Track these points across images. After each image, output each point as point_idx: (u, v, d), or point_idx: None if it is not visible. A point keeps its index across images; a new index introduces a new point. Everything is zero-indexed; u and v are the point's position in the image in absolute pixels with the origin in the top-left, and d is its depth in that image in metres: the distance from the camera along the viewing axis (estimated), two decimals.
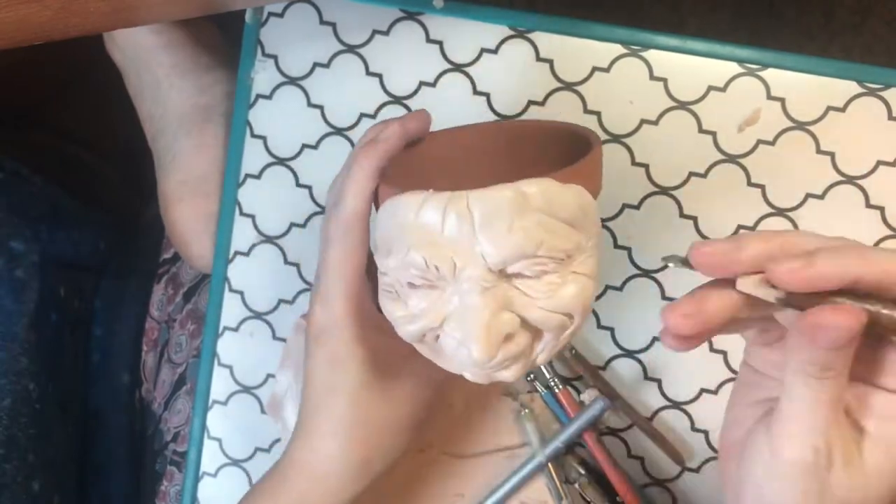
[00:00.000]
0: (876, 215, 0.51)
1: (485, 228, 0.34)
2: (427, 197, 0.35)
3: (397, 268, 0.36)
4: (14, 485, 0.56)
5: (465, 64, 0.54)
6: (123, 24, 0.46)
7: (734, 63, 0.51)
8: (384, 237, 0.37)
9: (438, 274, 0.35)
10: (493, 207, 0.34)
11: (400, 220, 0.36)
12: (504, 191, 0.34)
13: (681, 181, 0.53)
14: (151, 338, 0.69)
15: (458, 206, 0.34)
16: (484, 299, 0.35)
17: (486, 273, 0.35)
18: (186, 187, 0.60)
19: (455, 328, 0.36)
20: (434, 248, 0.35)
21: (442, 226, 0.35)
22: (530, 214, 0.34)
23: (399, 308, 0.37)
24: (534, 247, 0.34)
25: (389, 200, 0.37)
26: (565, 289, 0.36)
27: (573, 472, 0.54)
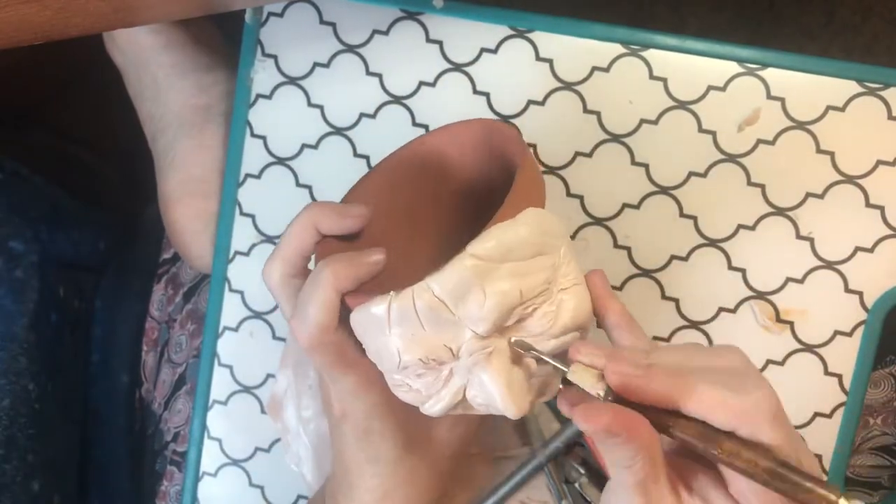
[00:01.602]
0: (876, 215, 0.51)
1: (461, 307, 0.34)
2: (392, 300, 0.34)
3: (396, 372, 0.36)
4: (14, 485, 0.56)
5: (464, 64, 0.54)
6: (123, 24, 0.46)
7: (734, 63, 0.51)
8: (370, 348, 0.37)
9: (438, 362, 0.35)
10: (459, 284, 0.33)
11: (376, 331, 0.35)
12: (460, 263, 0.33)
13: (681, 181, 0.53)
14: (151, 338, 0.69)
15: (424, 298, 0.34)
16: (493, 366, 0.35)
17: (482, 342, 0.35)
18: (186, 187, 0.60)
19: (478, 397, 0.36)
20: (422, 344, 0.35)
21: (420, 324, 0.34)
22: (496, 272, 0.34)
23: (416, 396, 0.37)
24: (514, 300, 0.34)
25: (356, 311, 0.36)
26: (563, 310, 0.36)
27: (573, 472, 0.54)
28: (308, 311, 0.38)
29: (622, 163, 0.53)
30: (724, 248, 0.52)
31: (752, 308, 0.53)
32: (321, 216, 0.40)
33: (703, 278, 0.53)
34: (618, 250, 0.54)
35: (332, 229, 0.40)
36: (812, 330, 0.52)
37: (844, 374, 0.52)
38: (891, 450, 0.57)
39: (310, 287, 0.38)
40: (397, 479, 0.42)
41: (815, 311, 0.52)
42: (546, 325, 0.35)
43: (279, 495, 0.58)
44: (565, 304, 0.36)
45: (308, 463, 0.54)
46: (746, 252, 0.52)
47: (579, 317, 0.36)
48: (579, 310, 0.36)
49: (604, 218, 0.54)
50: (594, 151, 0.53)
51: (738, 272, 0.52)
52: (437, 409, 0.37)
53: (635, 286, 0.54)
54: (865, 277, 0.51)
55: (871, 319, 0.51)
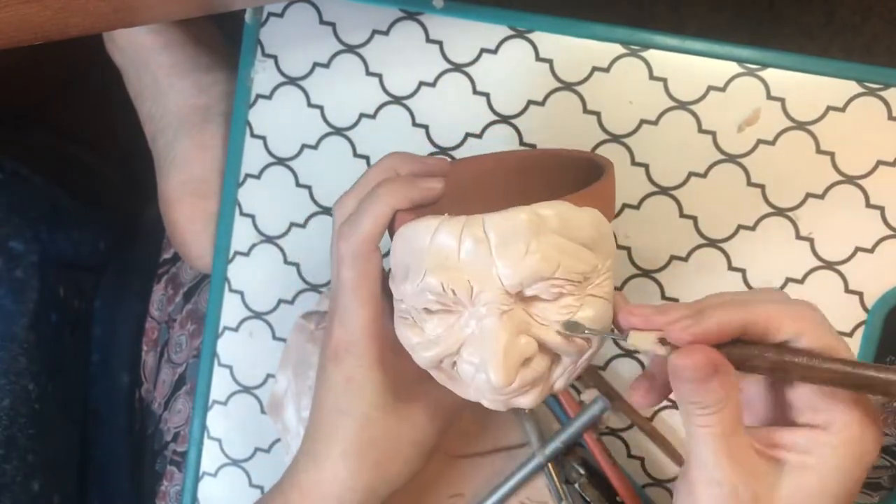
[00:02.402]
0: (876, 215, 0.51)
1: (501, 251, 0.34)
2: (442, 221, 0.35)
3: (414, 294, 0.36)
4: (14, 485, 0.56)
5: (464, 64, 0.54)
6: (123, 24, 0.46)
7: (734, 63, 0.51)
8: (400, 263, 0.37)
9: (455, 298, 0.35)
10: (509, 230, 0.34)
11: (415, 245, 0.36)
12: (520, 213, 0.34)
13: (680, 181, 0.53)
14: (151, 338, 0.69)
15: (473, 229, 0.34)
16: (502, 323, 0.34)
17: (503, 296, 0.34)
18: (186, 187, 0.60)
19: (472, 353, 0.36)
20: (451, 272, 0.35)
21: (458, 250, 0.35)
22: (547, 236, 0.34)
23: (416, 334, 0.37)
24: (551, 269, 0.34)
25: (405, 226, 0.37)
26: (583, 312, 0.36)
27: (573, 473, 0.54)
28: (359, 220, 0.39)
29: (622, 163, 0.53)
30: (724, 249, 0.52)
31: None
32: (403, 163, 0.41)
33: (703, 279, 0.53)
34: (618, 250, 0.54)
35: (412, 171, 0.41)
36: None
37: None
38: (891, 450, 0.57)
39: (365, 200, 0.39)
40: (361, 440, 0.41)
41: None
42: (562, 316, 0.35)
43: None
44: (588, 308, 0.36)
45: None
46: (746, 252, 0.52)
47: (595, 326, 0.36)
48: (597, 320, 0.36)
49: None
50: (594, 152, 0.53)
51: (738, 272, 0.52)
52: (429, 355, 0.37)
53: (635, 286, 0.54)
54: (865, 278, 0.51)
55: (871, 320, 0.51)
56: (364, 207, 0.39)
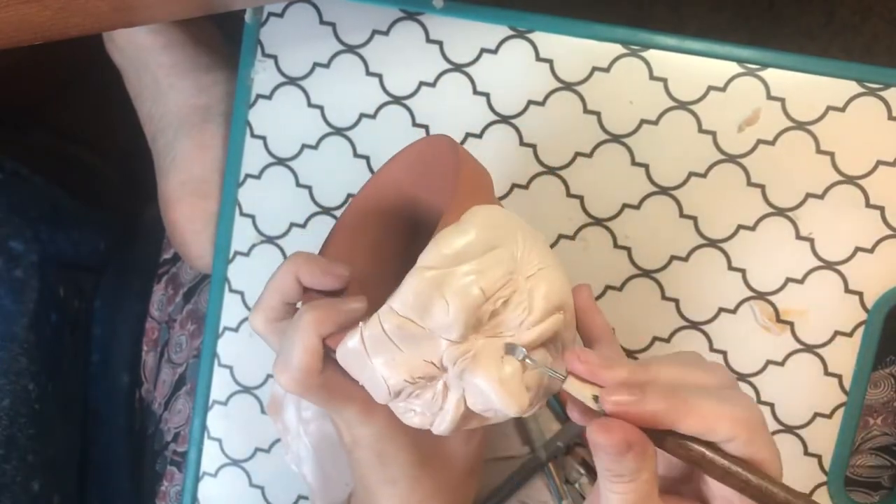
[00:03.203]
0: (876, 215, 0.51)
1: (427, 319, 0.34)
2: (361, 331, 0.35)
3: (390, 399, 0.36)
4: (14, 485, 0.56)
5: (464, 64, 0.54)
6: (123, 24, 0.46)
7: (734, 63, 0.51)
8: (361, 381, 0.37)
9: (426, 378, 0.35)
10: (417, 297, 0.34)
11: (358, 362, 0.36)
12: (415, 277, 0.34)
13: (681, 181, 0.53)
14: (151, 338, 0.69)
15: (391, 319, 0.34)
16: (480, 367, 0.35)
17: (462, 347, 0.35)
18: (186, 188, 0.60)
19: (477, 403, 0.36)
20: (404, 366, 0.35)
21: (395, 345, 0.35)
22: (451, 277, 0.34)
23: (423, 419, 0.37)
24: (478, 298, 0.34)
25: (339, 351, 0.37)
26: (535, 296, 0.36)
27: (573, 472, 0.54)
28: (291, 356, 0.38)
29: (622, 163, 0.53)
30: (724, 249, 0.52)
31: (752, 308, 0.53)
32: (303, 268, 0.40)
33: (703, 279, 0.53)
34: (618, 251, 0.54)
35: (312, 284, 0.40)
36: (812, 330, 0.52)
37: (844, 374, 0.52)
38: (891, 450, 0.57)
39: (291, 332, 0.38)
40: (418, 497, 0.42)
41: (815, 311, 0.52)
42: (522, 315, 0.35)
43: (279, 496, 0.59)
44: (536, 290, 0.36)
45: (308, 463, 0.54)
46: (746, 252, 0.52)
47: (554, 298, 0.36)
48: (552, 292, 0.36)
49: (604, 218, 0.54)
50: (594, 152, 0.53)
51: (738, 272, 0.52)
52: (445, 427, 0.37)
53: (635, 287, 0.54)
54: (865, 278, 0.51)
55: (871, 320, 0.51)
56: (293, 341, 0.38)
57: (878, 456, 0.57)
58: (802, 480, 0.53)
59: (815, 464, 0.53)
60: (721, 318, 0.53)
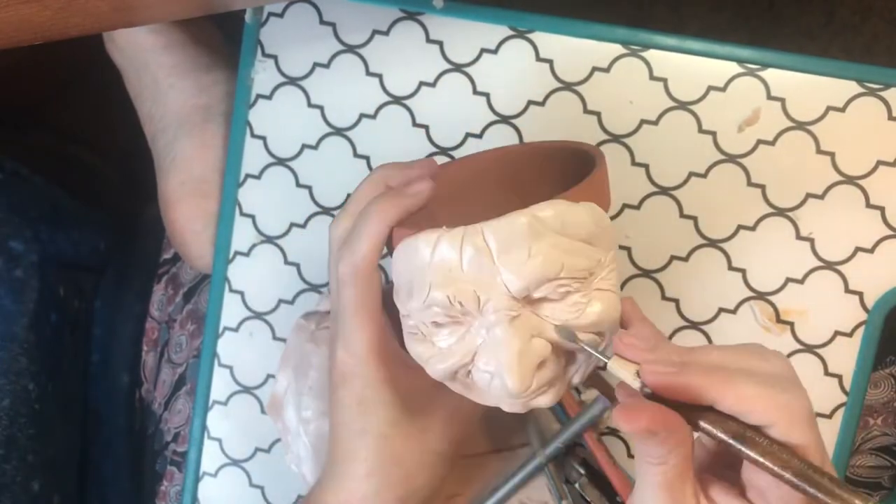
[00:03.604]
0: (876, 215, 0.51)
1: (504, 258, 0.34)
2: (441, 235, 0.35)
3: (420, 309, 0.36)
4: (14, 485, 0.56)
5: (465, 64, 0.54)
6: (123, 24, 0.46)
7: (734, 63, 0.51)
8: (403, 280, 0.37)
9: (463, 309, 0.35)
10: (509, 236, 0.34)
11: (417, 261, 0.36)
12: (518, 218, 0.34)
13: (681, 181, 0.53)
14: (151, 338, 0.69)
15: (474, 239, 0.34)
16: (513, 329, 0.35)
17: (510, 302, 0.35)
18: (186, 187, 0.60)
19: (487, 361, 0.36)
20: (455, 284, 0.35)
21: (461, 261, 0.35)
22: (547, 237, 0.34)
23: (427, 349, 0.37)
24: (555, 269, 0.34)
25: (403, 243, 0.37)
26: (591, 307, 0.36)
27: (573, 473, 0.54)
28: (354, 241, 0.39)
29: (622, 163, 0.53)
30: (725, 249, 0.52)
31: (752, 308, 0.53)
32: (392, 174, 0.41)
33: (704, 279, 0.53)
34: (618, 251, 0.54)
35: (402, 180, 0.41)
36: (812, 330, 0.52)
37: (844, 374, 0.52)
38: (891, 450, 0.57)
39: (359, 220, 0.39)
40: (383, 457, 0.42)
41: (815, 311, 0.52)
42: (572, 314, 0.35)
43: (279, 496, 0.59)
44: (596, 303, 0.36)
45: (308, 463, 0.54)
46: (746, 252, 0.52)
47: (604, 320, 0.36)
48: (606, 313, 0.36)
49: None
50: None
51: (739, 272, 0.52)
52: (443, 367, 0.36)
53: (635, 286, 0.54)
54: (866, 278, 0.51)
55: (871, 320, 0.51)
56: (359, 228, 0.39)
57: (878, 456, 0.58)
58: None
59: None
60: (721, 318, 0.53)
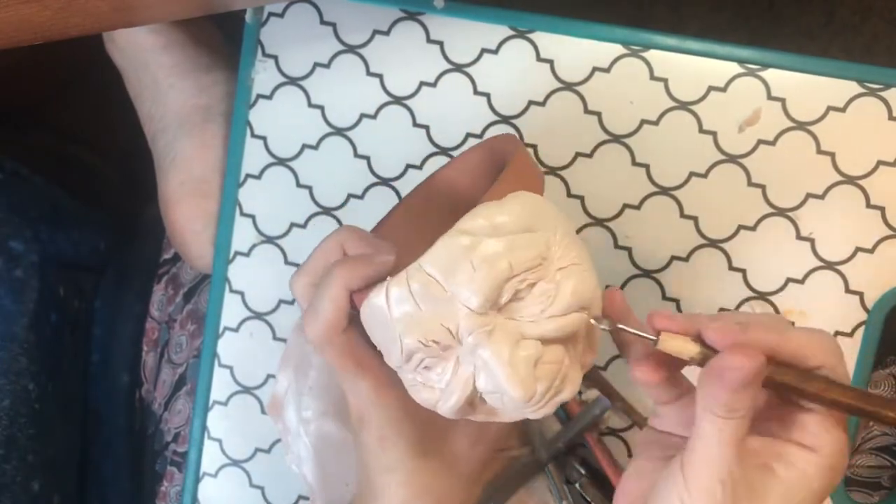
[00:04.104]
0: (876, 215, 0.51)
1: (452, 281, 0.34)
2: (388, 284, 0.35)
3: (404, 362, 0.36)
4: (14, 485, 0.56)
5: (465, 64, 0.54)
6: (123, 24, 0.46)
7: (734, 63, 0.51)
8: (380, 342, 0.37)
9: (441, 346, 0.35)
10: (447, 259, 0.34)
11: (380, 319, 0.36)
12: (449, 239, 0.35)
13: (681, 181, 0.53)
14: (151, 338, 0.69)
15: (418, 276, 0.35)
16: (494, 342, 0.35)
17: (480, 319, 0.35)
18: (186, 188, 0.59)
19: (486, 383, 0.36)
20: (421, 326, 0.35)
21: (415, 303, 0.35)
22: (483, 245, 0.34)
23: (431, 394, 0.37)
24: (504, 270, 0.34)
25: (363, 307, 0.37)
26: (562, 288, 0.35)
27: (574, 472, 0.54)
28: (318, 307, 0.39)
29: (623, 163, 0.53)
30: (725, 249, 0.52)
31: (752, 308, 0.53)
32: (351, 242, 0.41)
33: (704, 279, 0.53)
34: (618, 251, 0.54)
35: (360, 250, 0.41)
36: None
37: None
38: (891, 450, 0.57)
39: (321, 285, 0.39)
40: (413, 490, 0.42)
41: (815, 311, 0.52)
42: (545, 304, 0.35)
43: (279, 496, 0.59)
44: (565, 282, 0.36)
45: (308, 463, 0.54)
46: (747, 252, 0.52)
47: (581, 295, 0.36)
48: (581, 288, 0.36)
49: (604, 218, 0.54)
50: (595, 152, 0.53)
51: (739, 273, 0.52)
52: (451, 405, 0.36)
53: (636, 287, 0.54)
54: (866, 278, 0.51)
55: (871, 320, 0.51)
56: (321, 293, 0.39)
57: (878, 456, 0.58)
58: None
59: None
60: None
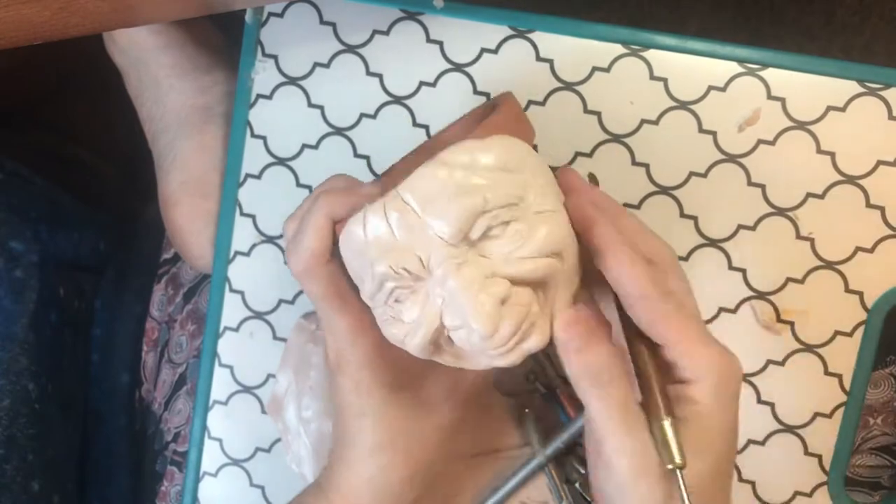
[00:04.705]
0: (876, 215, 0.51)
1: (427, 209, 0.34)
2: (366, 211, 0.35)
3: (375, 291, 0.36)
4: (14, 485, 0.56)
5: (465, 64, 0.54)
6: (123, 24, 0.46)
7: (734, 63, 0.51)
8: (355, 272, 0.37)
9: (412, 276, 0.35)
10: (425, 188, 0.34)
11: (355, 246, 0.36)
12: (427, 168, 0.35)
13: (681, 181, 0.53)
14: (151, 338, 0.69)
15: (394, 204, 0.35)
16: (462, 275, 0.34)
17: (451, 250, 0.34)
18: (186, 188, 0.60)
19: (452, 318, 0.35)
20: (393, 253, 0.35)
21: (391, 229, 0.35)
22: (462, 176, 0.34)
23: (399, 328, 0.37)
24: (478, 203, 0.34)
25: (341, 234, 0.37)
26: (536, 231, 0.35)
27: (574, 472, 0.54)
28: (301, 238, 0.39)
29: (622, 163, 0.53)
30: (725, 248, 0.53)
31: (752, 308, 0.53)
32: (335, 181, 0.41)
33: (704, 278, 0.53)
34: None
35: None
36: (812, 330, 0.52)
37: (844, 374, 0.52)
38: (891, 450, 0.57)
39: (306, 215, 0.39)
40: (384, 437, 0.42)
41: (815, 311, 0.52)
42: (517, 244, 0.35)
43: (280, 495, 0.59)
44: (540, 226, 0.35)
45: (309, 463, 0.54)
46: (747, 252, 0.52)
47: (554, 240, 0.36)
48: (555, 234, 0.36)
49: None
50: (594, 151, 0.53)
51: (739, 272, 0.52)
52: (418, 341, 0.36)
53: None
54: (866, 277, 0.51)
55: (871, 319, 0.51)
56: (305, 222, 0.39)
57: (879, 456, 0.58)
58: (803, 480, 0.53)
59: (816, 463, 0.53)
60: (721, 317, 0.53)
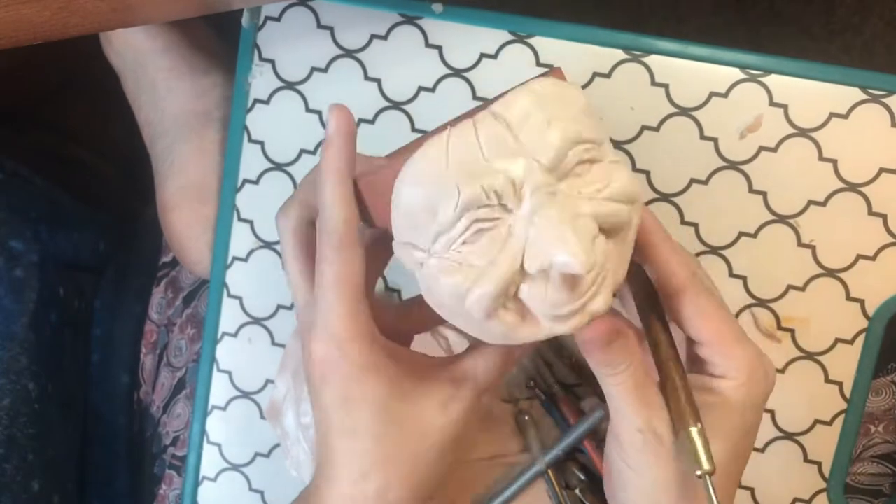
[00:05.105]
0: (878, 223, 0.51)
1: (524, 129, 0.32)
2: (449, 133, 0.32)
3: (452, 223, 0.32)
4: (14, 485, 0.56)
5: (464, 69, 0.54)
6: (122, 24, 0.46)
7: (736, 69, 0.51)
8: (415, 209, 0.33)
9: (501, 203, 0.31)
10: (520, 111, 0.32)
11: (431, 171, 0.32)
12: (522, 92, 0.33)
13: (682, 188, 0.52)
14: (150, 340, 0.69)
15: (486, 124, 0.32)
16: (557, 204, 0.31)
17: (547, 177, 0.31)
18: (185, 193, 0.59)
19: (536, 254, 0.31)
20: (484, 175, 0.31)
21: (481, 150, 0.32)
22: (555, 107, 0.33)
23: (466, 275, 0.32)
24: (577, 131, 0.32)
25: (409, 162, 0.33)
26: (619, 172, 0.33)
27: (573, 479, 0.54)
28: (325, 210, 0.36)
29: None
30: (726, 256, 0.52)
31: (752, 315, 0.52)
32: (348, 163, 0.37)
33: None
34: None
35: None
36: (813, 338, 0.52)
37: (845, 381, 0.52)
38: (892, 458, 0.57)
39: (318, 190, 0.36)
40: (377, 458, 0.37)
41: (816, 318, 0.52)
42: (603, 182, 0.33)
43: (279, 500, 0.59)
44: (618, 171, 0.33)
45: (308, 468, 0.54)
46: (748, 259, 0.52)
47: (634, 187, 0.33)
48: (634, 180, 0.34)
49: None
50: None
51: (740, 279, 0.52)
52: (492, 285, 0.32)
53: None
54: (867, 285, 0.51)
55: (872, 327, 0.51)
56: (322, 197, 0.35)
57: (879, 464, 0.57)
58: (802, 487, 0.53)
59: (815, 471, 0.53)
60: None
